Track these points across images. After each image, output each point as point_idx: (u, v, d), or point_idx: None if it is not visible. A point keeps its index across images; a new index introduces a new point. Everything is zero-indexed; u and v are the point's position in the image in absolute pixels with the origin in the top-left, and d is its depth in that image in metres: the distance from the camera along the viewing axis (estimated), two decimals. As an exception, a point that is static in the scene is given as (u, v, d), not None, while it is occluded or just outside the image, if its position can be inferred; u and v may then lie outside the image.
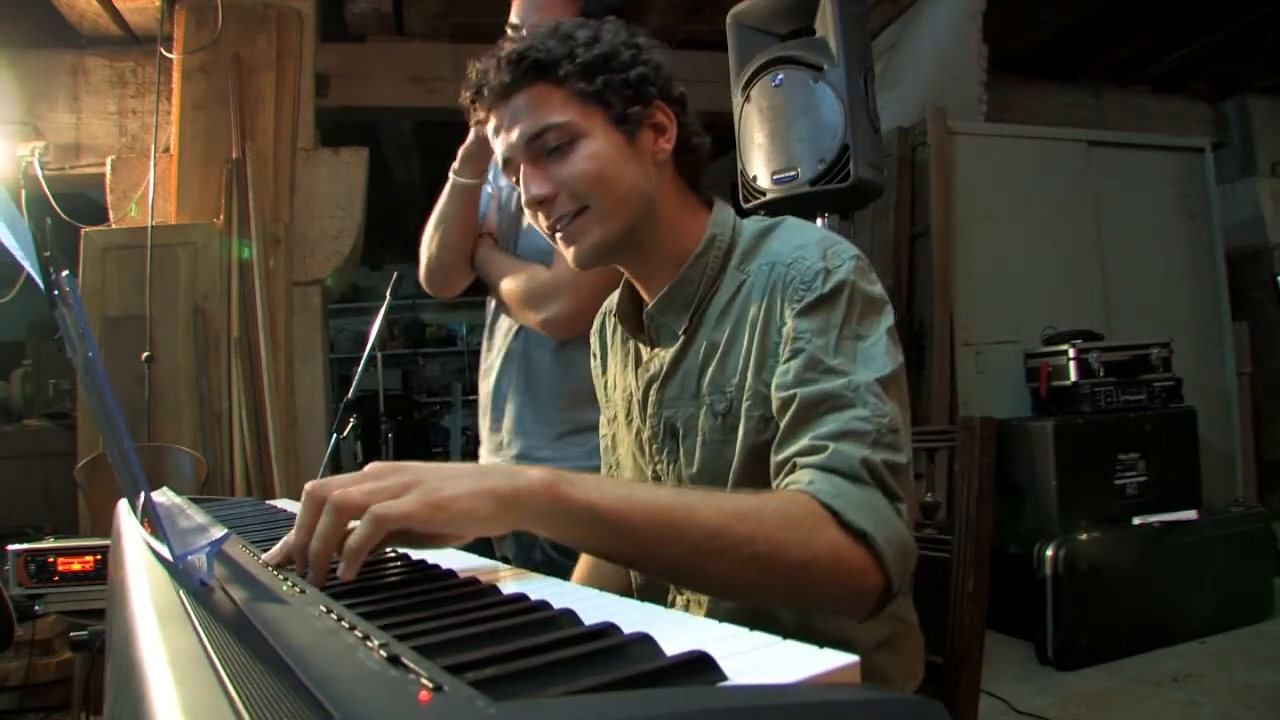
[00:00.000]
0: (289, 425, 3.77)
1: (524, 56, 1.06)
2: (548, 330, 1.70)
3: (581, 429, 1.73)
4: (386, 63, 4.52)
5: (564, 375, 1.75)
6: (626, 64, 1.08)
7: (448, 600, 0.68)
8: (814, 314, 1.01)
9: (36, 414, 4.59)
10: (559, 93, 1.07)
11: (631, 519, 0.81)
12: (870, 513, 0.89)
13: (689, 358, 1.14)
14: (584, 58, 1.06)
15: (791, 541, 0.85)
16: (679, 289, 1.14)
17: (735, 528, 0.83)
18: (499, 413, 1.82)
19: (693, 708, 0.39)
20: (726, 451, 1.08)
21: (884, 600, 0.90)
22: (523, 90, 1.07)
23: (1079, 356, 3.86)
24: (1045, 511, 3.62)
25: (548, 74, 1.06)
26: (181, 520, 0.92)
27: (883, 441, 0.93)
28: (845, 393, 0.96)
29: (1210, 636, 3.58)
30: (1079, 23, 4.99)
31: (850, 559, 0.87)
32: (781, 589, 0.89)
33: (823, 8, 2.68)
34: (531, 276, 1.72)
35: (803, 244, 1.07)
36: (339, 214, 4.00)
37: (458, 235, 1.82)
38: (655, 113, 1.11)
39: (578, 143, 1.07)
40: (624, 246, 1.13)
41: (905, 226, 4.26)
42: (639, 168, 1.10)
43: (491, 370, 1.86)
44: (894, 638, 1.16)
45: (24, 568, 2.42)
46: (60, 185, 4.07)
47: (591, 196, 1.09)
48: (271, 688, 0.44)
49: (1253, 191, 5.64)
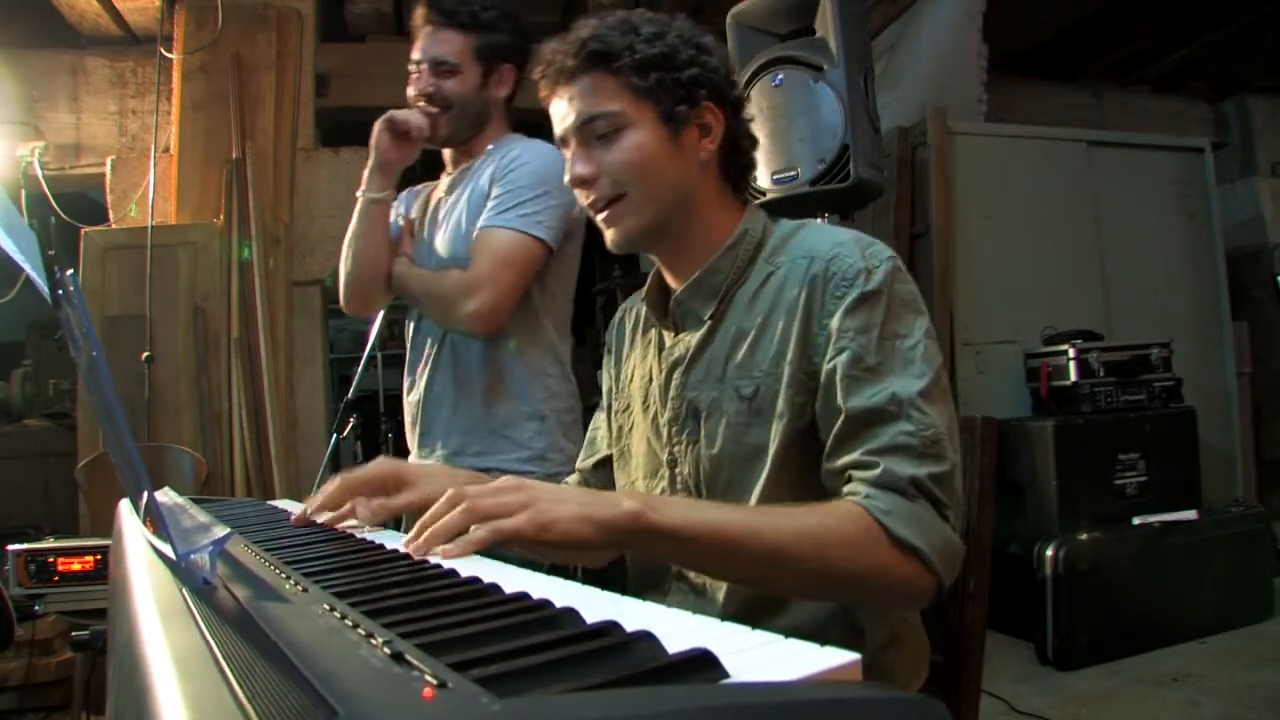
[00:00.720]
0: (289, 425, 3.77)
1: (586, 44, 1.13)
2: (472, 324, 1.76)
3: (508, 424, 1.83)
4: (387, 63, 4.50)
5: (492, 373, 1.84)
6: (682, 64, 1.14)
7: (450, 598, 0.68)
8: (856, 313, 1.06)
9: (37, 414, 4.58)
10: (614, 82, 1.14)
11: (702, 540, 0.93)
12: (920, 525, 0.97)
13: (715, 342, 1.19)
14: (642, 54, 1.13)
15: (845, 558, 0.95)
16: (707, 277, 1.20)
17: (793, 546, 0.94)
18: (429, 417, 1.90)
19: (695, 705, 0.39)
20: (751, 434, 1.12)
21: (937, 597, 1.00)
22: (582, 76, 1.14)
23: (1079, 356, 3.86)
24: (1045, 511, 3.62)
25: (606, 63, 1.13)
26: (184, 519, 0.92)
27: (929, 454, 1.00)
28: (890, 407, 1.02)
29: (1210, 636, 3.58)
30: (1079, 22, 5.00)
31: (901, 569, 0.96)
32: (839, 596, 1.05)
33: (823, 8, 2.68)
34: (449, 277, 1.79)
35: (840, 241, 1.12)
36: (339, 214, 3.99)
37: (372, 251, 1.87)
38: (703, 114, 1.16)
39: (624, 132, 1.14)
40: (658, 235, 1.20)
41: (905, 226, 4.26)
42: (680, 164, 1.16)
43: (420, 380, 1.93)
44: (900, 637, 1.17)
45: (24, 568, 2.42)
46: (60, 185, 4.08)
47: (629, 185, 1.15)
48: (276, 684, 0.44)
49: (1253, 191, 5.64)
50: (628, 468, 1.34)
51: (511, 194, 1.79)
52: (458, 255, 1.83)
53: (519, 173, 1.81)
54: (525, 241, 1.77)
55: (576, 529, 0.88)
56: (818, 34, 2.70)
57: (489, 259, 1.75)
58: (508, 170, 1.82)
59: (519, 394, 1.84)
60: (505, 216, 1.78)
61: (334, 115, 4.42)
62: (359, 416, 2.79)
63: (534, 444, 1.83)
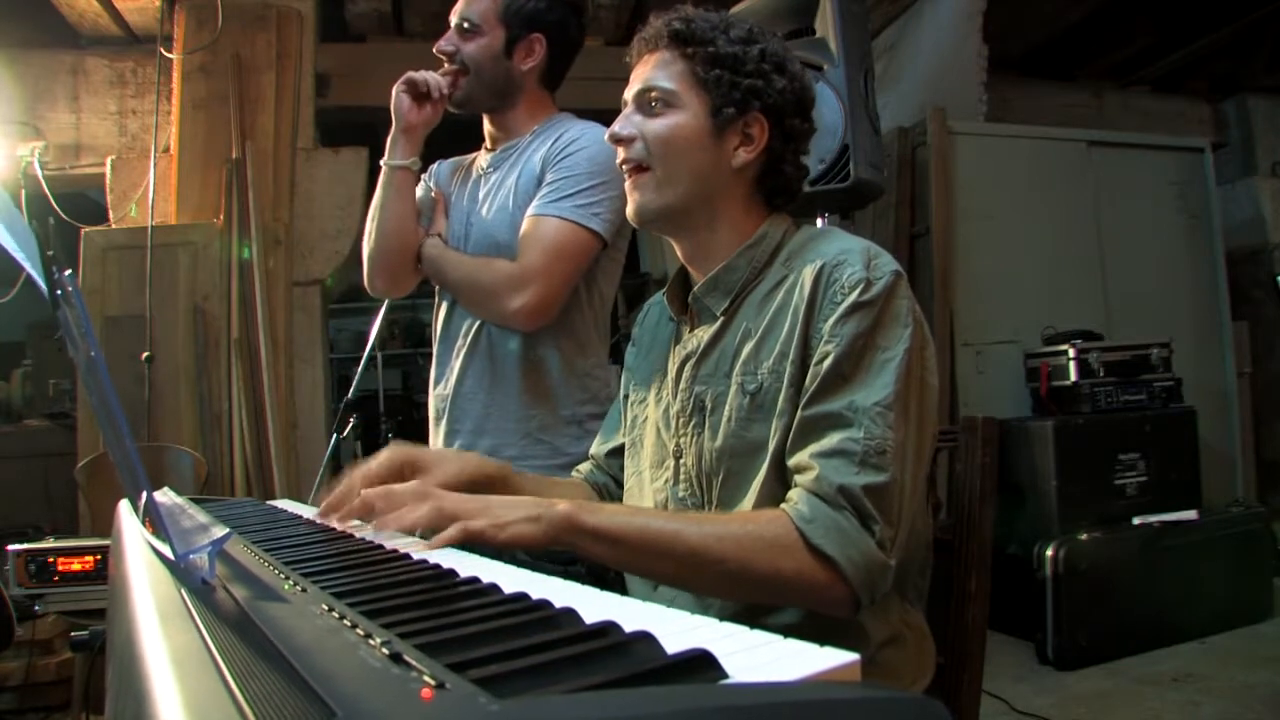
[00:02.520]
0: (289, 425, 3.77)
1: (674, 23, 1.21)
2: (519, 319, 1.66)
3: (545, 428, 1.73)
4: (386, 63, 4.47)
5: (531, 373, 1.73)
6: (748, 72, 1.18)
7: (449, 599, 0.68)
8: (848, 319, 1.08)
9: (36, 414, 4.58)
10: (683, 65, 1.20)
11: (629, 540, 1.03)
12: (839, 535, 1.00)
13: (726, 338, 1.22)
14: (715, 49, 1.18)
15: (759, 561, 1.00)
16: (724, 275, 1.23)
17: (714, 548, 1.01)
18: (459, 413, 1.77)
19: (694, 705, 0.39)
20: (754, 429, 1.15)
21: (855, 608, 1.03)
22: (661, 49, 1.22)
23: (1079, 356, 3.86)
24: (1045, 511, 3.62)
25: (683, 45, 1.20)
26: (183, 520, 0.92)
27: (869, 463, 1.02)
28: (845, 413, 1.05)
29: (1210, 636, 3.58)
30: (1079, 22, 4.99)
31: (814, 577, 1.00)
32: (758, 598, 1.09)
33: (822, 8, 2.68)
34: (496, 267, 1.68)
35: (848, 249, 1.14)
36: (339, 214, 3.99)
37: (396, 223, 1.75)
38: (751, 123, 1.20)
39: (672, 110, 1.20)
40: (677, 221, 1.25)
41: (905, 226, 4.26)
42: (711, 159, 1.20)
43: (450, 373, 1.80)
44: (903, 638, 1.18)
45: (24, 568, 2.42)
46: (60, 185, 4.08)
47: (655, 159, 1.20)
48: (274, 685, 0.44)
49: (1252, 191, 5.63)
50: (637, 458, 1.36)
51: (568, 181, 1.67)
52: (500, 240, 1.72)
53: (576, 159, 1.69)
54: (580, 234, 1.66)
55: (525, 529, 1.02)
56: (817, 34, 2.70)
57: (541, 250, 1.64)
58: (563, 154, 1.70)
59: (558, 397, 1.74)
60: (560, 205, 1.66)
61: (334, 115, 4.42)
62: (359, 417, 2.80)
63: (571, 450, 1.71)
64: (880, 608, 1.15)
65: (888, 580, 1.03)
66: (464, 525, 0.99)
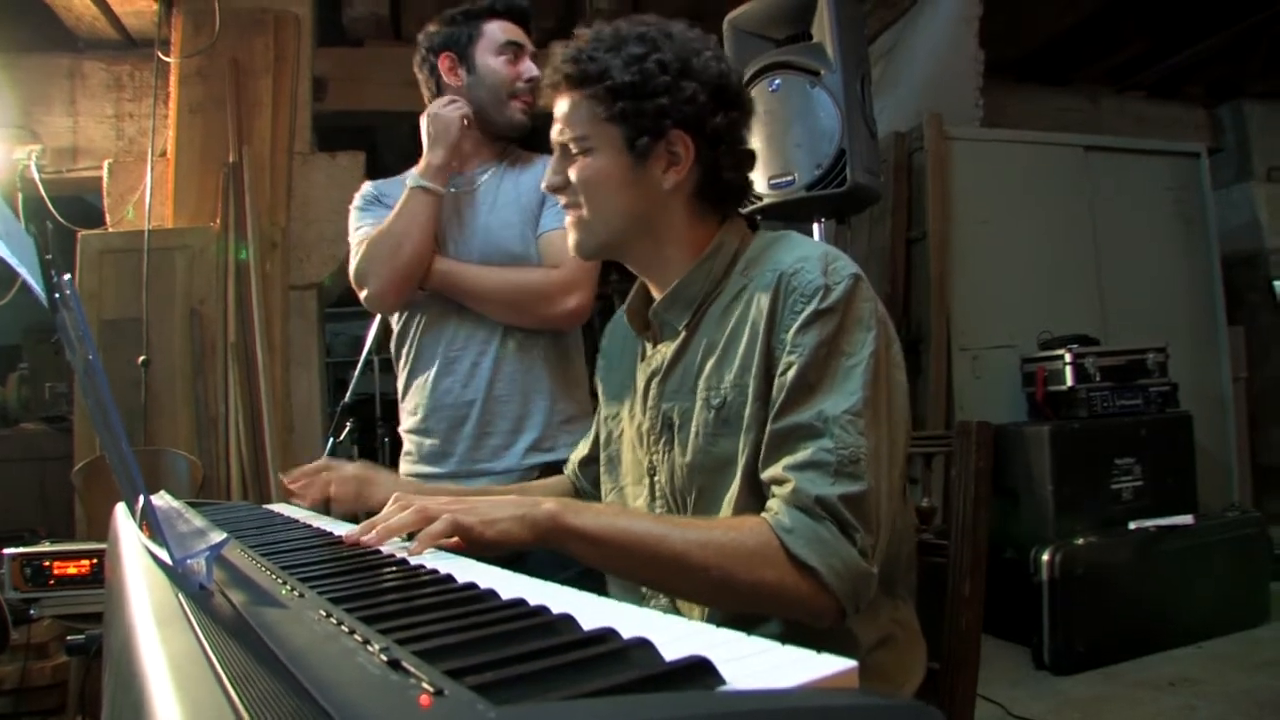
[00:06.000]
0: (285, 429, 3.76)
1: (565, 65, 1.18)
2: (568, 321, 1.83)
3: (572, 420, 1.87)
4: (384, 67, 4.51)
5: (560, 370, 1.88)
6: (651, 92, 1.14)
7: (447, 605, 0.68)
8: (810, 328, 1.07)
9: (33, 417, 4.57)
10: (585, 106, 1.18)
11: (613, 542, 1.02)
12: (820, 546, 1.00)
13: (689, 354, 1.21)
14: (612, 81, 1.15)
15: (742, 570, 1.00)
16: (682, 289, 1.22)
17: (697, 555, 1.00)
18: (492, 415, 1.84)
19: (692, 712, 0.39)
20: (721, 444, 1.15)
21: (840, 618, 1.02)
22: (564, 91, 1.20)
23: (1075, 361, 3.87)
24: (1041, 516, 3.62)
25: (579, 86, 1.18)
26: (180, 524, 0.92)
27: (844, 473, 1.02)
28: (815, 423, 1.04)
29: (1206, 641, 3.59)
30: (1075, 27, 5.01)
31: (796, 587, 1.00)
32: (740, 606, 1.07)
33: (819, 13, 2.69)
34: (540, 275, 1.81)
35: (805, 256, 1.12)
36: (336, 218, 3.97)
37: (426, 243, 1.81)
38: (672, 143, 1.17)
39: (589, 154, 1.19)
40: (616, 251, 1.26)
41: (901, 231, 4.26)
42: (639, 192, 1.18)
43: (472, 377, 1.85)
44: (893, 638, 1.18)
45: (19, 571, 2.41)
46: (57, 189, 4.06)
47: (585, 204, 1.21)
48: (272, 691, 0.44)
49: (1248, 196, 5.65)
50: (616, 473, 1.37)
51: None
52: (515, 252, 1.84)
53: None
54: None
55: (513, 527, 1.02)
56: (814, 39, 2.70)
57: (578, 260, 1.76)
58: None
59: (579, 387, 1.92)
60: None
61: (331, 119, 4.42)
62: (355, 421, 2.79)
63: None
64: (869, 610, 1.15)
65: (871, 588, 1.03)
66: (452, 518, 0.99)
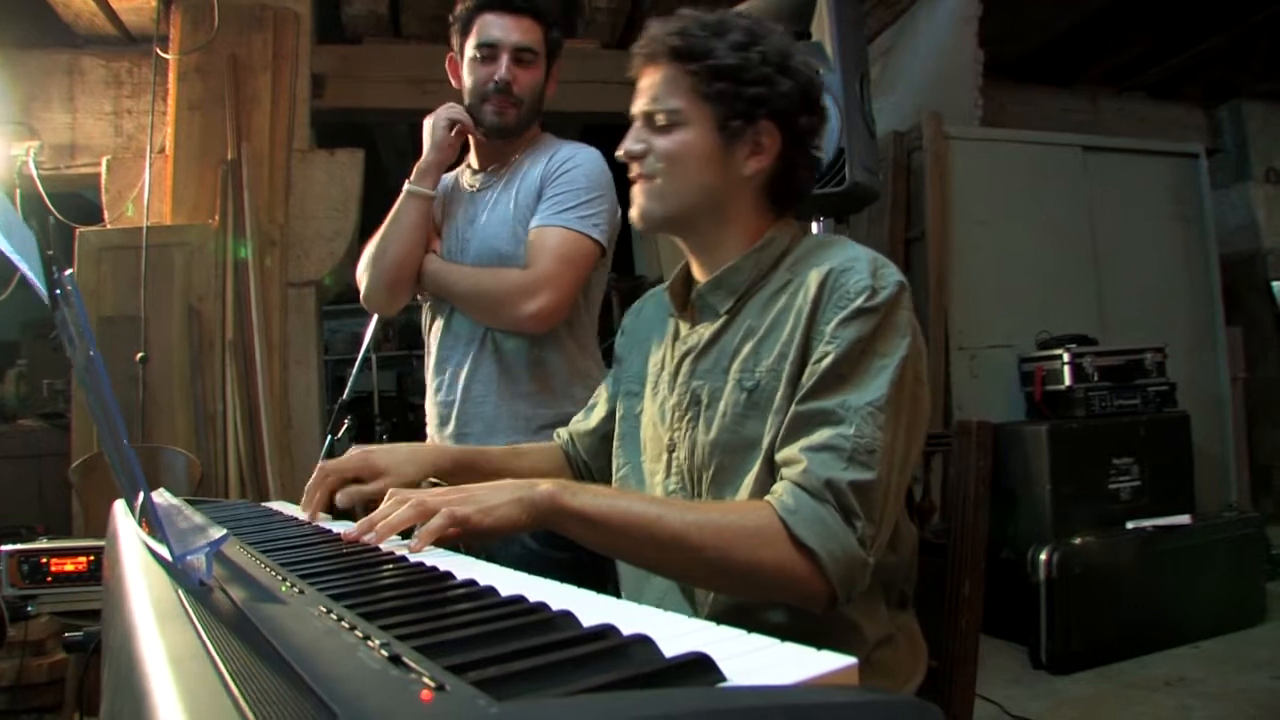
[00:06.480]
0: (283, 426, 3.76)
1: (670, 38, 1.19)
2: (533, 324, 1.75)
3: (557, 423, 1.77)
4: (383, 64, 4.51)
5: (538, 374, 1.82)
6: (751, 80, 1.17)
7: (447, 601, 0.68)
8: (850, 323, 1.09)
9: (30, 414, 4.57)
10: (685, 80, 1.19)
11: (611, 523, 1.04)
12: (822, 529, 1.01)
13: (727, 336, 1.23)
14: (716, 61, 1.17)
15: (739, 550, 1.01)
16: (730, 275, 1.24)
17: (693, 535, 1.01)
18: (469, 416, 1.84)
19: (692, 708, 0.39)
20: (749, 425, 1.15)
21: (830, 603, 1.03)
22: (663, 65, 1.21)
23: (1073, 361, 3.87)
24: (1039, 516, 3.62)
25: (682, 60, 1.19)
26: (180, 520, 0.92)
27: (858, 460, 1.03)
28: (839, 410, 1.06)
29: (1203, 641, 3.59)
30: (1074, 28, 5.01)
31: (793, 569, 1.01)
32: (730, 587, 1.10)
33: (819, 12, 2.68)
34: (508, 276, 1.76)
35: (856, 257, 1.15)
36: (334, 215, 3.98)
37: (413, 245, 1.84)
38: (759, 133, 1.20)
39: (678, 127, 1.20)
40: (681, 227, 1.27)
41: (900, 231, 4.26)
42: (720, 172, 1.21)
43: (455, 379, 1.86)
44: (895, 639, 1.19)
45: (16, 568, 2.41)
46: (55, 185, 4.06)
47: (664, 174, 1.22)
48: (274, 686, 0.44)
49: (1247, 197, 5.66)
50: (629, 449, 1.38)
51: (568, 194, 1.78)
52: (503, 251, 1.81)
53: (574, 174, 1.79)
54: (584, 242, 1.76)
55: (511, 511, 1.03)
56: (814, 38, 2.70)
57: (551, 258, 1.73)
58: (561, 170, 1.80)
59: (564, 395, 1.83)
60: (564, 216, 1.76)
61: (330, 117, 4.41)
62: (353, 418, 2.79)
63: None
64: (871, 609, 1.15)
65: (866, 578, 1.04)
66: (450, 512, 1.00)
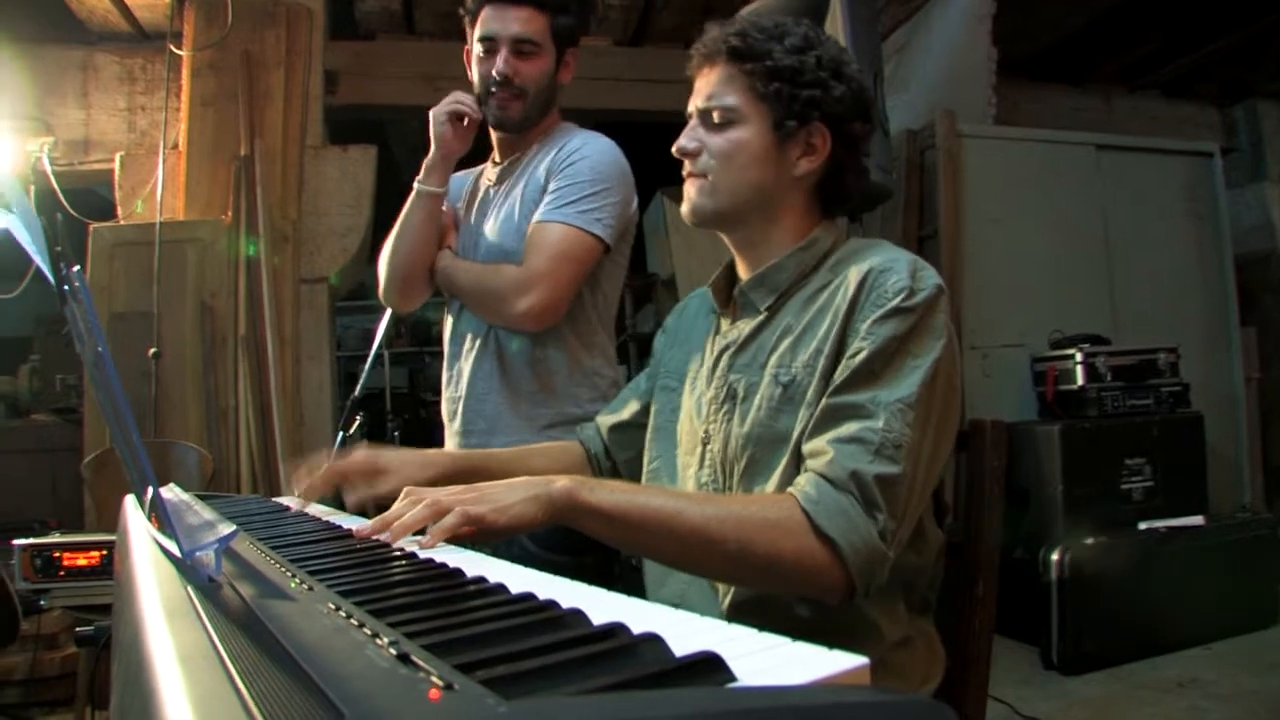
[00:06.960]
0: (295, 422, 3.77)
1: (730, 38, 1.22)
2: (525, 321, 1.71)
3: (559, 423, 1.77)
4: (396, 61, 4.51)
5: (540, 373, 1.78)
6: (807, 83, 1.20)
7: (456, 598, 0.67)
8: (886, 322, 1.11)
9: (43, 409, 4.60)
10: (742, 80, 1.22)
11: (630, 518, 1.03)
12: (844, 519, 1.01)
13: (766, 332, 1.25)
14: (773, 63, 1.20)
15: (760, 542, 1.01)
16: (772, 273, 1.26)
17: (713, 528, 1.01)
18: (472, 414, 1.82)
19: (703, 708, 0.39)
20: (781, 419, 1.17)
21: (849, 595, 1.03)
22: (718, 64, 1.24)
23: (1086, 361, 3.85)
24: (1051, 516, 3.61)
25: (741, 60, 1.22)
26: (189, 516, 0.92)
27: (884, 454, 1.03)
28: (868, 405, 1.07)
29: (1216, 642, 3.57)
30: (1088, 26, 4.98)
31: (812, 559, 1.00)
32: (750, 580, 1.10)
33: (833, 9, 2.68)
34: (503, 273, 1.73)
35: (896, 258, 1.17)
36: (347, 211, 4.00)
37: (422, 244, 1.83)
38: (812, 134, 1.22)
39: (734, 125, 1.22)
40: (730, 223, 1.28)
41: (913, 229, 4.25)
42: (773, 171, 1.23)
43: (460, 376, 1.85)
44: (913, 641, 1.19)
45: (30, 562, 2.42)
46: (69, 181, 4.08)
47: (717, 171, 1.24)
48: (281, 684, 0.44)
49: (1262, 197, 5.62)
50: (664, 442, 1.38)
51: (571, 188, 1.73)
52: (508, 248, 1.77)
53: (578, 167, 1.74)
54: (583, 238, 1.71)
55: (527, 509, 1.01)
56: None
57: (545, 255, 1.69)
58: (567, 163, 1.76)
59: (567, 395, 1.79)
60: (563, 211, 1.71)
61: (343, 113, 4.42)
62: (365, 414, 2.79)
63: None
64: (891, 609, 1.15)
65: (885, 572, 1.04)
66: (464, 510, 0.99)
